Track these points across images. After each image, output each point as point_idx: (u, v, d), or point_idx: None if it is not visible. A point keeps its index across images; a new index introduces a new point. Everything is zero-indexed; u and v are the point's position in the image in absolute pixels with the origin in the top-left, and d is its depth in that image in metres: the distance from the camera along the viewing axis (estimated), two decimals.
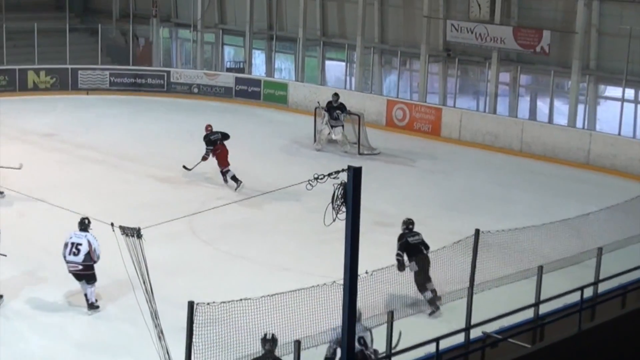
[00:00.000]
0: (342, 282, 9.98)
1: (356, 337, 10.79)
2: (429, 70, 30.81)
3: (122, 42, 38.03)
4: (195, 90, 34.62)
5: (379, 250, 15.64)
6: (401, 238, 15.68)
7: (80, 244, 14.98)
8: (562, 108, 28.58)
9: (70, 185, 22.08)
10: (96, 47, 36.55)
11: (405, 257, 15.09)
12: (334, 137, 26.57)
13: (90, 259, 14.97)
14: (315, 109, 27.34)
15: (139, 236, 9.91)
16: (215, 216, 17.21)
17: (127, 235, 10.10)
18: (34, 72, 34.22)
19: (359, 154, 26.09)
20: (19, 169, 20.55)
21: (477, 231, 13.30)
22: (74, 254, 14.96)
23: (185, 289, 14.33)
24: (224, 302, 10.59)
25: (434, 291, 14.96)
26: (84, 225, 15.26)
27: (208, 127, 23.33)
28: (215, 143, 22.96)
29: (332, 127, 26.54)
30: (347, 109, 26.64)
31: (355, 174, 8.98)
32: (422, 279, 14.98)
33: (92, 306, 15.16)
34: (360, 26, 31.69)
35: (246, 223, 19.47)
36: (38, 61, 34.68)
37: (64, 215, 14.86)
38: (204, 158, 22.86)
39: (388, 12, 32.30)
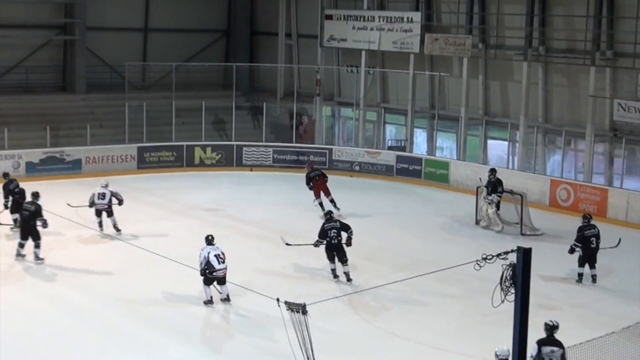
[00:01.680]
0: None
1: None
2: (595, 150, 30.14)
3: (286, 120, 38.79)
4: (357, 168, 34.87)
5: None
6: (579, 231, 20.92)
7: (220, 254, 18.15)
8: None
9: (231, 259, 22.42)
10: (260, 124, 37.39)
11: None
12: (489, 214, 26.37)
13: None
14: (477, 187, 27.09)
15: (304, 312, 9.95)
16: (375, 294, 17.18)
17: (292, 311, 10.15)
18: (200, 148, 35.25)
19: (522, 234, 25.62)
20: None
21: None
22: (222, 262, 18.11)
23: None
24: None
25: (594, 276, 20.95)
26: (212, 240, 18.45)
27: (310, 165, 29.02)
28: (314, 179, 27.81)
29: (487, 203, 26.37)
30: (502, 186, 26.36)
31: (525, 255, 8.79)
32: (583, 262, 20.87)
33: (229, 298, 18.35)
34: (523, 105, 31.41)
35: (406, 302, 19.28)
36: (205, 138, 35.73)
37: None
38: (311, 188, 27.74)
39: (552, 92, 31.91)
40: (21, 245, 21.66)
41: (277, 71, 41.01)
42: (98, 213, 24.56)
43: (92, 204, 24.56)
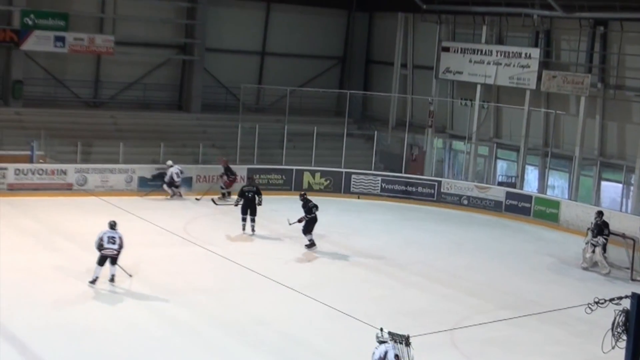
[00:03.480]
0: None
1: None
2: None
3: (396, 150, 38.68)
4: (465, 202, 34.49)
5: None
6: None
7: (114, 237, 20.81)
8: None
9: (333, 284, 22.45)
10: (370, 153, 37.38)
11: None
12: (594, 257, 25.76)
13: (120, 247, 20.80)
14: (588, 229, 26.49)
15: (408, 344, 9.83)
16: (477, 330, 16.93)
17: (395, 341, 10.04)
18: (309, 173, 35.39)
19: (632, 279, 24.93)
20: None
21: None
22: (112, 243, 20.75)
23: None
24: None
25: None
26: (114, 225, 20.97)
27: (224, 161, 33.18)
28: (234, 174, 32.96)
29: (593, 246, 25.77)
30: (608, 228, 25.72)
31: (639, 301, 8.51)
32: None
33: (113, 279, 20.90)
34: None
35: (509, 341, 18.88)
36: (314, 163, 35.86)
37: (325, 312, 14.96)
38: (230, 181, 32.86)
39: None
40: (244, 220, 27.33)
41: (391, 100, 41.02)
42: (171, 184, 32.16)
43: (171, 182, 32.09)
